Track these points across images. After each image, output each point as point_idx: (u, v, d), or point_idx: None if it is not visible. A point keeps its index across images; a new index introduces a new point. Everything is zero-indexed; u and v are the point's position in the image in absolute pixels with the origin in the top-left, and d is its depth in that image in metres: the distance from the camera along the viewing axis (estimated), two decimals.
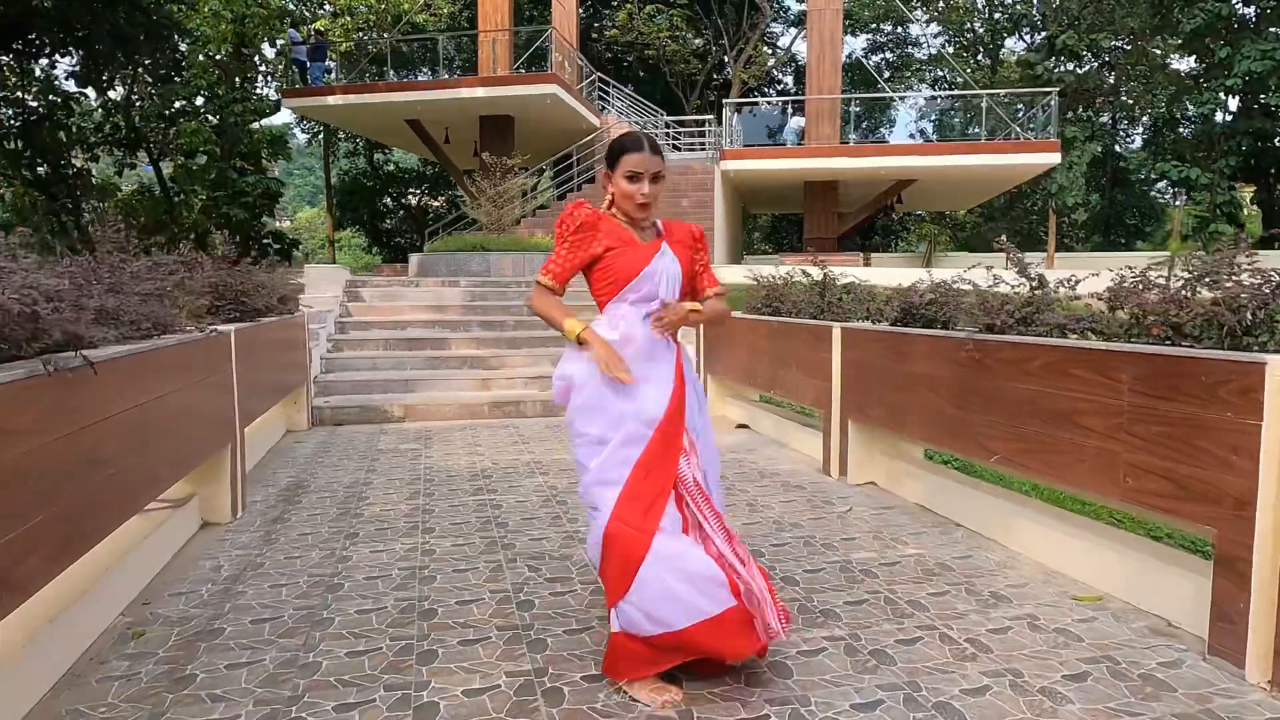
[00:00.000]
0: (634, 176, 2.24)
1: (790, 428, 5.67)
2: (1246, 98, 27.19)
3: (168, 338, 3.01)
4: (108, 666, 2.38)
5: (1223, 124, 27.33)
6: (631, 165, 2.24)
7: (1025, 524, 3.36)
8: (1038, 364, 3.05)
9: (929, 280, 4.14)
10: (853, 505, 4.09)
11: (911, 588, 2.97)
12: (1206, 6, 25.93)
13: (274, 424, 5.79)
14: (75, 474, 2.18)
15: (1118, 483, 2.69)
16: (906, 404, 3.96)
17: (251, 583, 3.04)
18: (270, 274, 5.23)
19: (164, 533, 3.30)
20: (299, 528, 3.74)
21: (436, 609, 2.79)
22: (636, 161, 2.24)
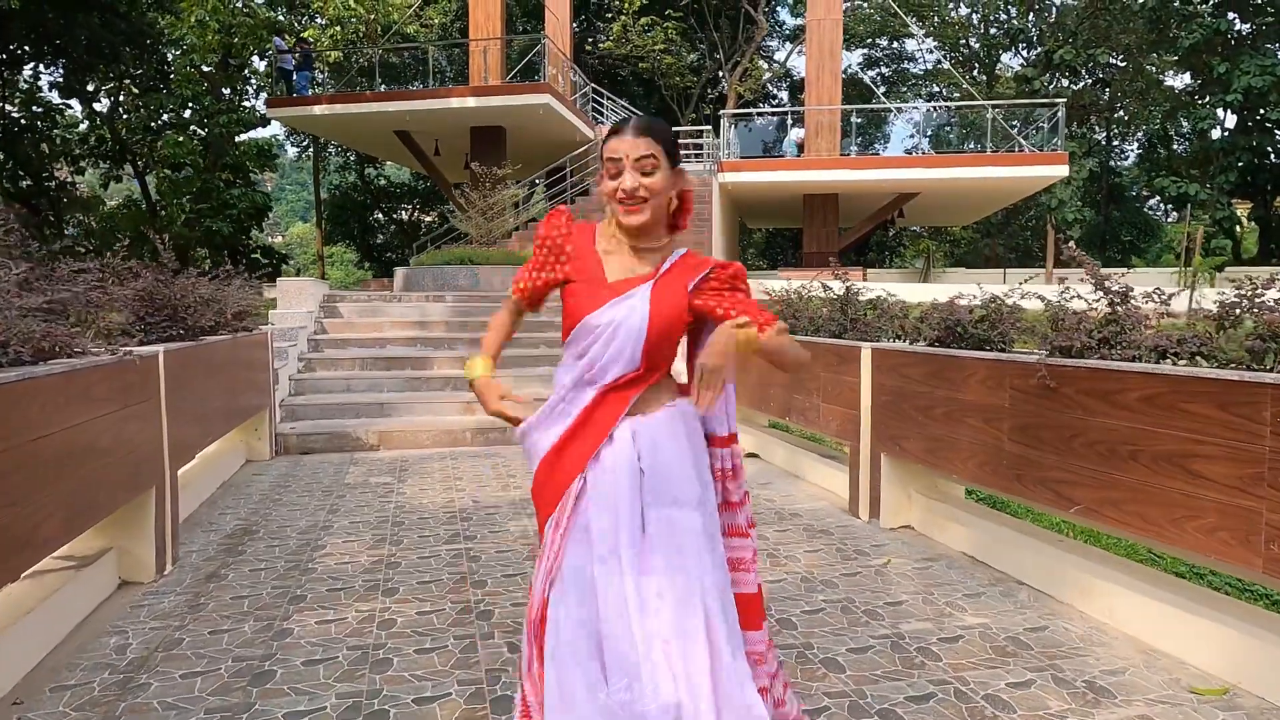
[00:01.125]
0: (615, 168, 1.59)
1: (806, 458, 5.09)
2: (1245, 113, 26.99)
3: (52, 364, 2.41)
4: None
5: (1220, 140, 27.10)
6: (610, 152, 1.59)
7: (1111, 587, 2.77)
8: (1135, 396, 2.48)
9: (979, 294, 3.57)
10: (890, 557, 3.50)
11: (984, 674, 2.38)
12: (1204, 22, 25.75)
13: (229, 454, 5.17)
14: None
15: (1255, 549, 2.12)
16: (954, 439, 3.38)
17: (160, 669, 2.43)
18: (223, 287, 4.63)
19: (61, 599, 2.69)
20: (235, 588, 3.12)
21: (388, 710, 2.18)
22: (616, 147, 1.58)
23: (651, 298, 1.59)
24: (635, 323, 1.57)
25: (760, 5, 27.41)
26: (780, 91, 34.12)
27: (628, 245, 1.64)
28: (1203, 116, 26.99)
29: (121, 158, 24.43)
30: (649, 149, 1.58)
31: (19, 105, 21.81)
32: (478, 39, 17.22)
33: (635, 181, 1.57)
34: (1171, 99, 29.21)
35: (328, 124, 17.29)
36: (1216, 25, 26.07)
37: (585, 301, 1.60)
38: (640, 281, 1.61)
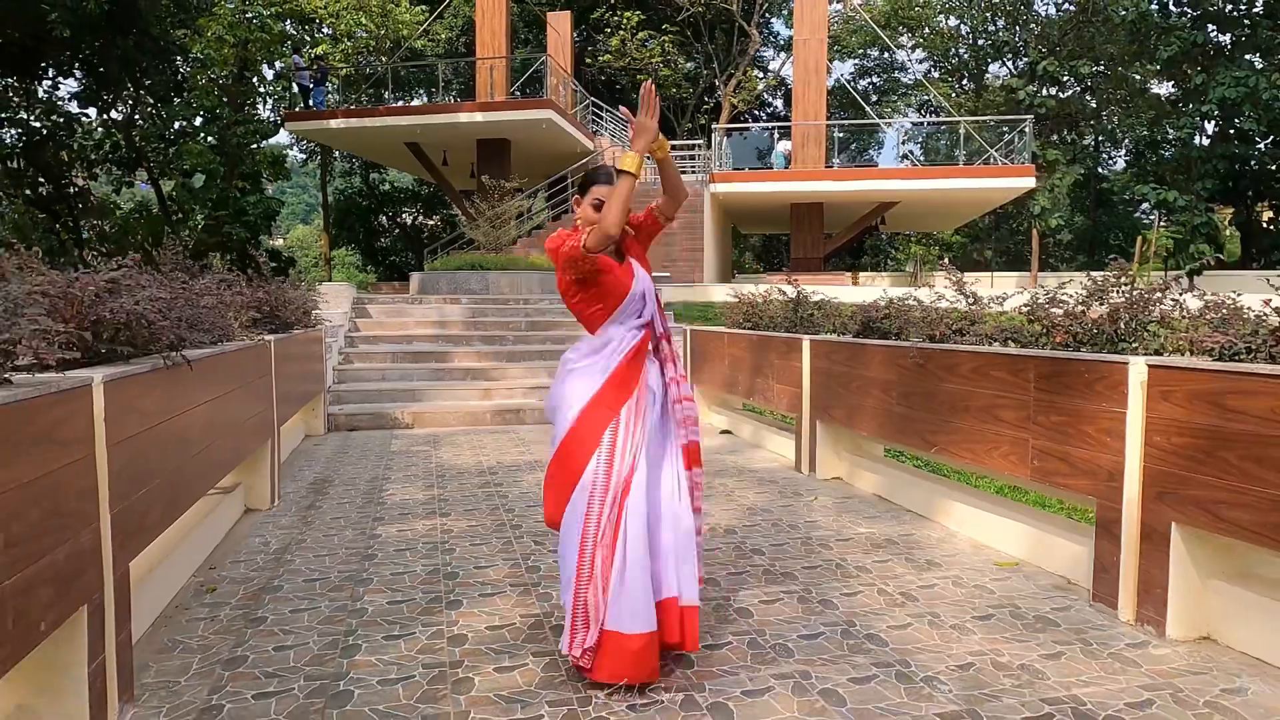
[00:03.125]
0: (597, 205, 2.45)
1: (767, 432, 6.22)
2: (1222, 123, 28.08)
3: (230, 344, 3.54)
4: (191, 612, 2.89)
5: (1199, 148, 28.18)
6: (598, 195, 2.47)
7: (960, 505, 3.90)
8: (967, 368, 3.61)
9: (886, 297, 4.71)
10: (818, 495, 4.63)
11: (860, 556, 3.51)
12: (1182, 34, 26.88)
13: (293, 429, 6.29)
14: (177, 450, 2.71)
15: (1027, 464, 3.25)
16: (863, 405, 4.52)
17: (298, 554, 3.56)
18: (296, 290, 5.77)
19: (218, 515, 3.81)
20: (330, 513, 4.25)
21: (458, 572, 3.31)
22: (602, 192, 2.46)
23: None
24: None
25: (753, 18, 28.58)
26: (775, 100, 35.25)
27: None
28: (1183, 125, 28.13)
29: (136, 164, 25.49)
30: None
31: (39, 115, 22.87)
32: (484, 57, 18.36)
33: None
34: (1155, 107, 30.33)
35: (343, 136, 18.43)
36: (1194, 37, 27.21)
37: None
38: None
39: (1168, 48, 26.80)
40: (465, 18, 27.07)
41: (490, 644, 2.60)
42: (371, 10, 23.19)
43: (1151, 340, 2.96)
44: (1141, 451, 2.70)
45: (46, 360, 1.80)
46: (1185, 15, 28.25)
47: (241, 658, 2.50)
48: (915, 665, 2.43)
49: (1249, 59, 27.46)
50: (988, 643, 2.60)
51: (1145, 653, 2.51)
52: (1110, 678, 2.35)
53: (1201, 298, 2.99)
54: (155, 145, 24.98)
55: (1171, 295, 3.11)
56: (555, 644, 2.59)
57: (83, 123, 24.97)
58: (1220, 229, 27.44)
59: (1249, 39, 27.79)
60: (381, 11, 23.41)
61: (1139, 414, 2.72)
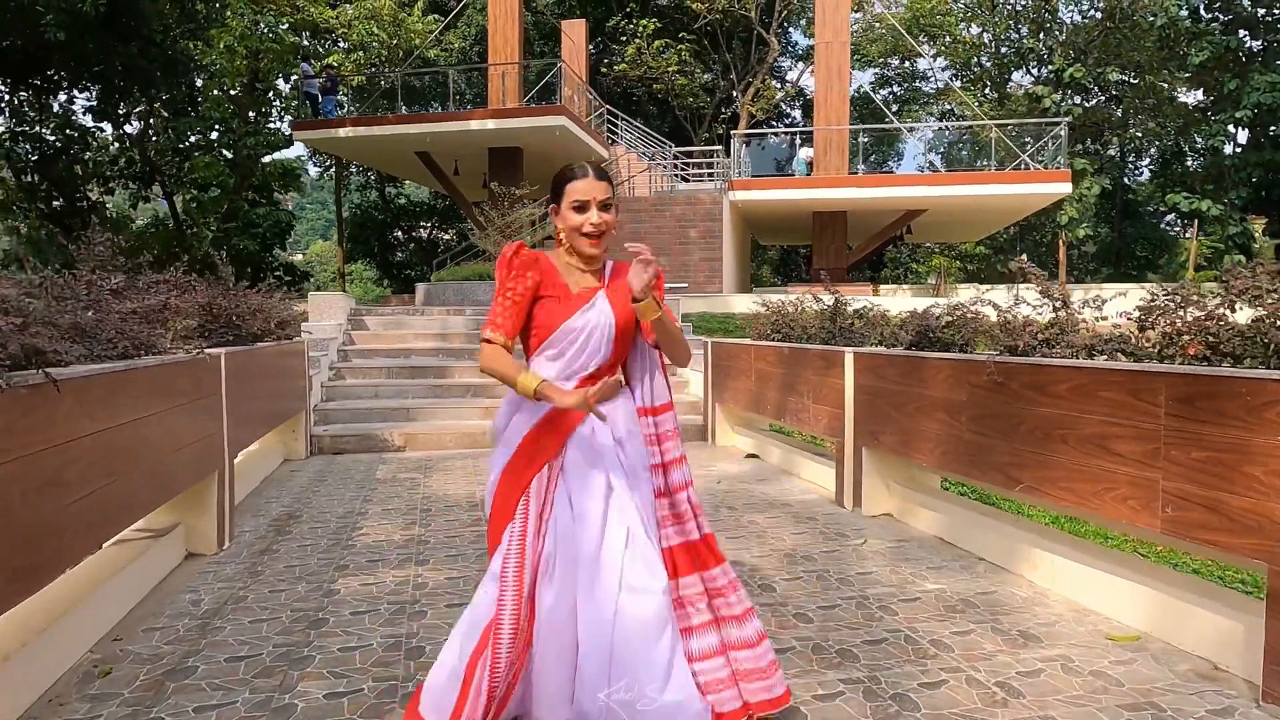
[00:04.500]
0: (580, 206, 1.93)
1: (800, 457, 5.48)
2: (1256, 130, 27.16)
3: (148, 359, 2.87)
4: (67, 709, 2.21)
5: (1232, 156, 27.27)
6: (577, 194, 1.94)
7: (1052, 558, 3.16)
8: (1065, 387, 2.88)
9: (945, 303, 3.98)
10: (867, 538, 3.89)
11: (934, 625, 2.77)
12: (1214, 40, 26.05)
13: (270, 452, 5.64)
14: (33, 499, 2.03)
15: (1156, 513, 2.51)
16: (922, 430, 3.79)
17: (231, 617, 2.87)
18: (267, 299, 5.12)
19: (143, 564, 3.14)
20: (287, 559, 3.57)
21: (424, 647, 2.61)
22: (581, 189, 1.94)
23: (610, 300, 1.97)
24: (606, 320, 1.95)
25: (772, 27, 28.00)
26: (793, 110, 34.66)
27: (578, 266, 2.01)
28: (1215, 133, 27.25)
29: (150, 179, 25.23)
30: (607, 192, 1.97)
31: (53, 129, 22.64)
32: (496, 64, 17.85)
33: (600, 219, 1.94)
34: (1184, 115, 29.46)
35: (352, 146, 17.93)
36: (1226, 43, 26.37)
37: (557, 312, 1.94)
38: (595, 290, 1.99)
39: (1199, 53, 25.98)
40: (479, 27, 26.71)
41: None
42: (384, 20, 22.84)
43: None
44: None
45: None
46: (1216, 20, 27.45)
47: None
48: None
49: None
50: None
51: None
52: None
53: None
54: (168, 159, 24.71)
55: None
56: None
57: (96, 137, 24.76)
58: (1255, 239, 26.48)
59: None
60: (394, 21, 23.05)
61: None
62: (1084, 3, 28.87)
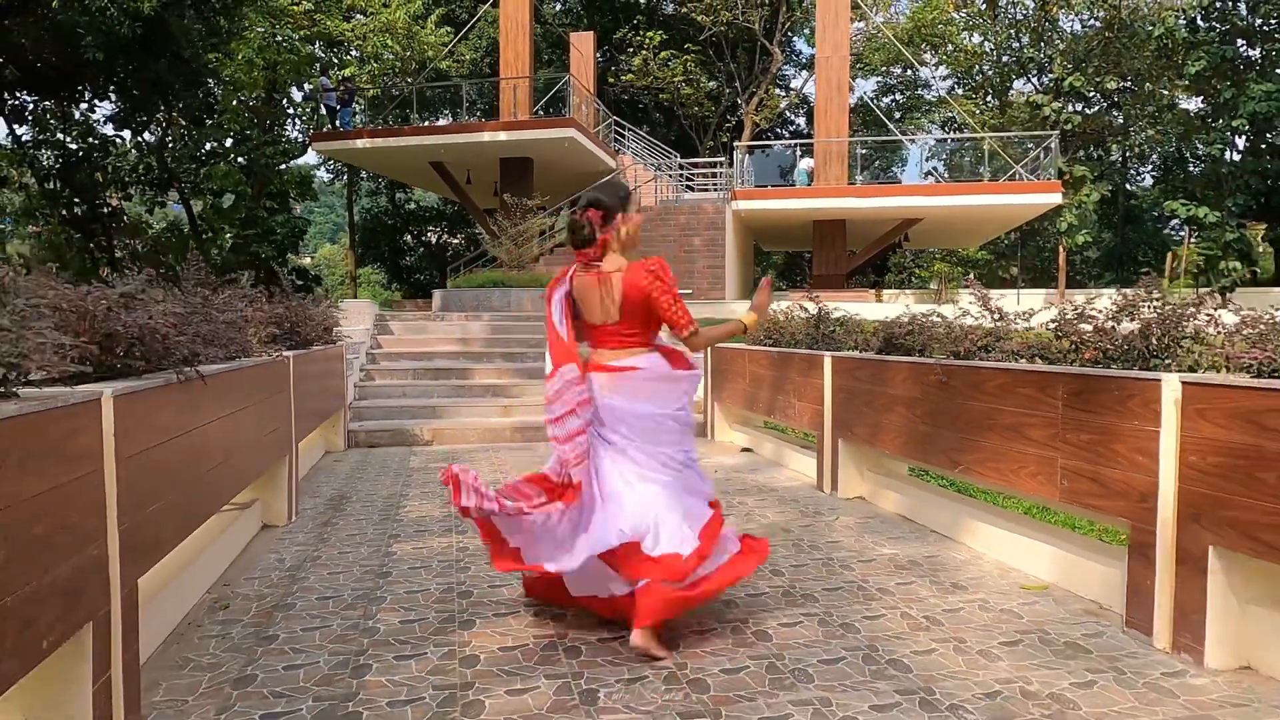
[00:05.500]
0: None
1: (789, 450, 6.13)
2: (1254, 137, 27.65)
3: (247, 360, 3.54)
4: (204, 629, 2.87)
5: (1230, 163, 27.75)
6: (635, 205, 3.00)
7: (987, 528, 3.80)
8: (993, 385, 3.53)
9: (907, 314, 4.63)
10: (840, 514, 4.53)
11: (882, 579, 3.41)
12: (1211, 49, 26.58)
13: (314, 445, 6.31)
14: (190, 466, 2.70)
15: (1056, 485, 3.15)
16: (887, 423, 4.43)
17: (312, 570, 3.53)
18: (316, 307, 5.79)
19: (234, 531, 3.80)
20: (347, 530, 4.23)
21: (472, 590, 3.26)
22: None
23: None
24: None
25: (775, 37, 28.67)
26: (798, 118, 35.28)
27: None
28: (1214, 140, 27.76)
29: (168, 185, 25.98)
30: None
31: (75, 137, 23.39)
32: (508, 77, 18.55)
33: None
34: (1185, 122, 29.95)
35: (369, 156, 18.67)
36: (1223, 52, 26.89)
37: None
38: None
39: (1196, 62, 26.50)
40: (490, 39, 27.44)
41: (502, 665, 2.55)
42: (398, 33, 23.57)
43: (1185, 357, 2.86)
44: (1176, 472, 2.60)
45: (56, 374, 1.79)
46: (1214, 30, 27.96)
47: (251, 676, 2.47)
48: (940, 693, 2.34)
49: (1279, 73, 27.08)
50: (1016, 670, 2.50)
51: (1182, 682, 2.40)
52: (1146, 709, 2.24)
53: (1238, 313, 2.89)
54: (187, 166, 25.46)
55: (1205, 310, 3.01)
56: (568, 666, 2.54)
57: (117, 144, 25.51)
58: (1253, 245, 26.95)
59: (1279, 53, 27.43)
60: (408, 33, 23.78)
61: (1173, 433, 2.62)
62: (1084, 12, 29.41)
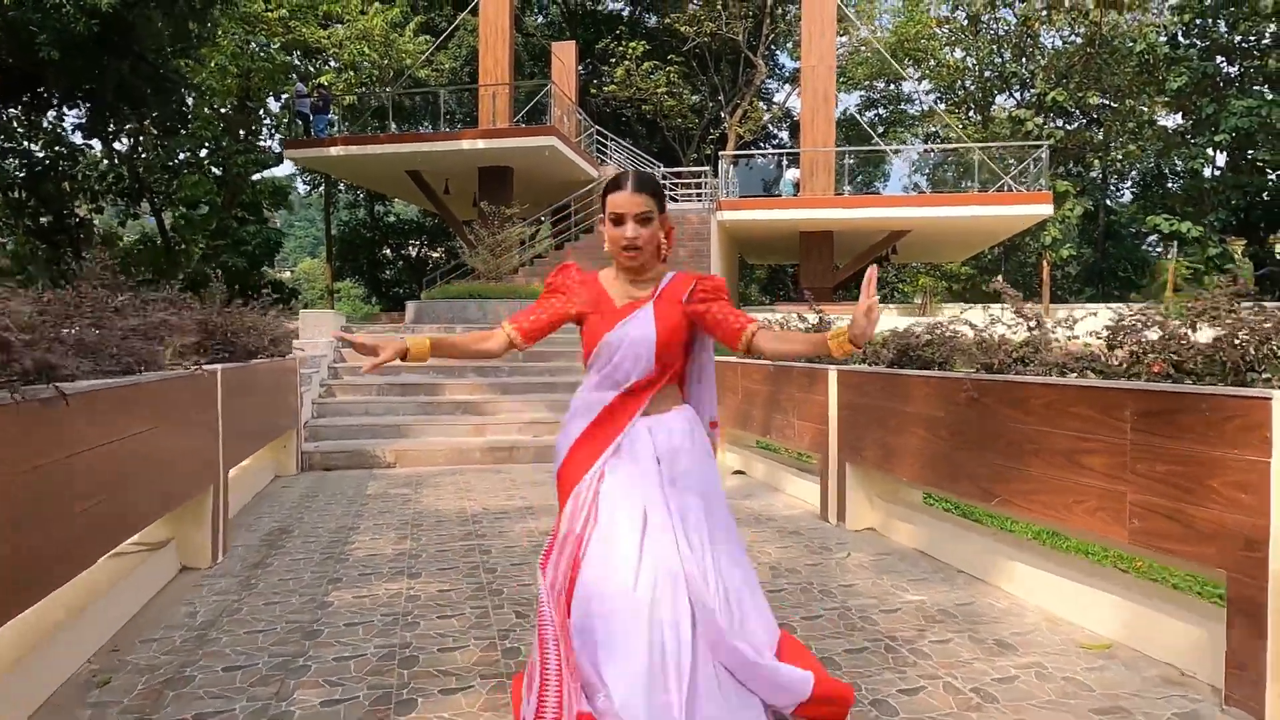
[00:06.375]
0: (617, 219, 1.97)
1: (785, 473, 5.58)
2: (1234, 153, 27.70)
3: (150, 374, 2.95)
4: (68, 716, 2.26)
5: (1212, 178, 27.79)
6: (613, 206, 1.97)
7: (1027, 569, 3.26)
8: (1037, 403, 2.99)
9: (925, 322, 4.10)
10: (850, 551, 3.98)
11: (913, 635, 2.86)
12: (1192, 65, 26.62)
13: (262, 468, 5.68)
14: (40, 510, 2.10)
15: (1124, 524, 2.61)
16: (902, 445, 3.89)
17: (227, 629, 2.92)
18: (261, 316, 5.19)
19: (139, 576, 3.19)
20: (280, 573, 3.62)
21: (418, 656, 2.67)
22: (617, 202, 1.97)
23: (655, 313, 2.01)
24: (646, 333, 1.99)
25: (759, 50, 28.42)
26: (780, 131, 35.06)
27: (628, 279, 2.07)
28: (1194, 156, 27.79)
29: (139, 196, 25.21)
30: (646, 205, 1.97)
31: (43, 145, 22.61)
32: (487, 84, 18.04)
33: (635, 233, 1.96)
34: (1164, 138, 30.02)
35: (342, 164, 18.06)
36: (1204, 68, 26.95)
37: (601, 326, 2.02)
38: (642, 303, 2.04)
39: (1178, 78, 26.53)
40: (469, 47, 26.97)
41: None
42: (375, 40, 23.02)
43: None
44: None
45: None
46: (1194, 46, 28.06)
47: None
48: None
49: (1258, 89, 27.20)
50: None
51: None
52: None
53: None
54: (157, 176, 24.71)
55: None
56: None
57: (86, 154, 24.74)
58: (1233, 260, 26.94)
59: (1258, 69, 27.55)
60: (385, 41, 23.24)
61: None
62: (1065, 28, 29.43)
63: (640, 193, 1.97)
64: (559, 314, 2.10)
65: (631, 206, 1.97)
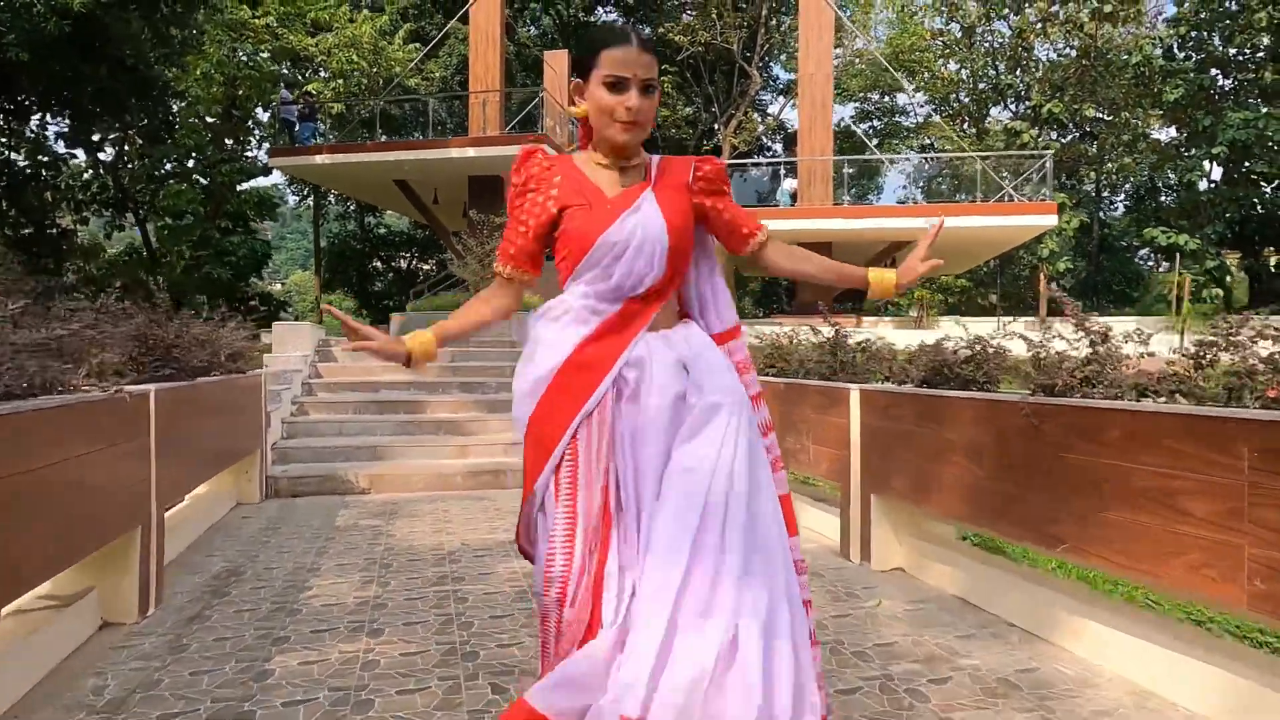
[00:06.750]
0: (617, 83, 1.55)
1: (798, 503, 5.07)
2: (1230, 166, 27.55)
3: (43, 399, 2.43)
4: None
5: (1209, 191, 27.63)
6: (613, 66, 1.54)
7: (1098, 627, 2.76)
8: (1116, 433, 2.51)
9: (962, 337, 3.62)
10: (880, 599, 3.47)
11: (973, 715, 2.35)
12: (1188, 78, 26.46)
13: (219, 496, 5.15)
14: None
15: (1241, 585, 2.12)
16: (939, 476, 3.39)
17: (138, 711, 2.39)
18: (216, 328, 4.66)
19: (45, 637, 2.66)
20: (219, 629, 3.09)
21: None
22: (620, 60, 1.54)
23: (659, 203, 1.61)
24: (656, 229, 1.58)
25: (754, 60, 28.13)
26: (774, 143, 34.80)
27: (614, 163, 1.64)
28: (1189, 169, 27.61)
29: (124, 206, 24.68)
30: (652, 69, 1.58)
31: (25, 154, 22.07)
32: (477, 91, 17.62)
33: (642, 105, 1.56)
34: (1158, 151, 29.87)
35: (328, 173, 17.59)
36: (1200, 81, 26.80)
37: (594, 222, 1.58)
38: (638, 191, 1.62)
39: (1174, 90, 26.37)
40: (460, 56, 26.59)
41: None
42: (364, 49, 22.58)
43: None
44: None
45: None
46: (1190, 59, 27.93)
47: None
48: None
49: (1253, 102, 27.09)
50: None
51: None
52: None
53: None
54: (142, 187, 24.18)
55: None
56: None
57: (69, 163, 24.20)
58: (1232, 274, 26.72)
59: (1253, 82, 27.44)
60: (374, 49, 22.81)
61: None
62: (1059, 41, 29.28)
63: (648, 53, 1.57)
64: (544, 216, 1.63)
65: (639, 67, 1.56)
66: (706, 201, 1.69)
